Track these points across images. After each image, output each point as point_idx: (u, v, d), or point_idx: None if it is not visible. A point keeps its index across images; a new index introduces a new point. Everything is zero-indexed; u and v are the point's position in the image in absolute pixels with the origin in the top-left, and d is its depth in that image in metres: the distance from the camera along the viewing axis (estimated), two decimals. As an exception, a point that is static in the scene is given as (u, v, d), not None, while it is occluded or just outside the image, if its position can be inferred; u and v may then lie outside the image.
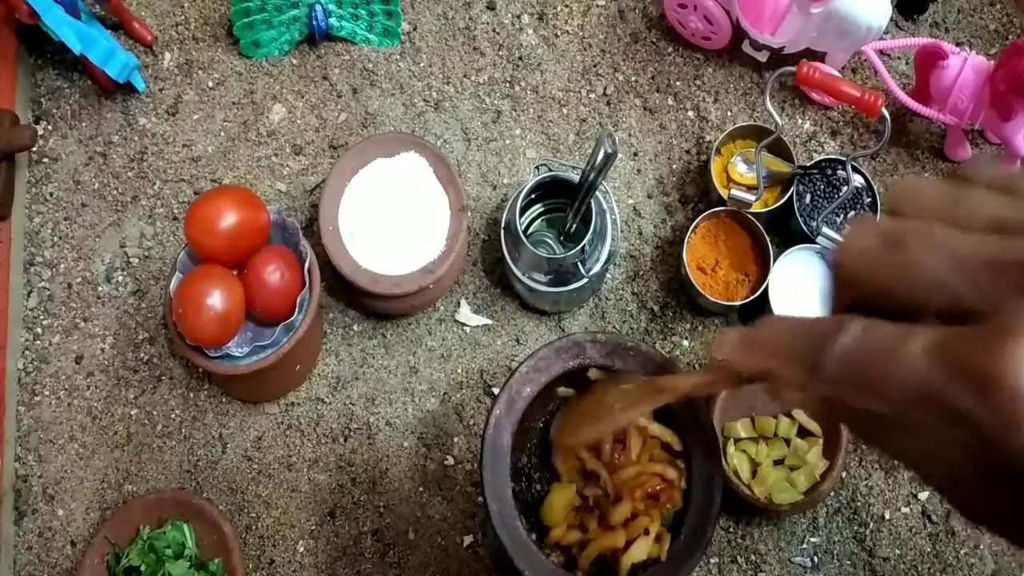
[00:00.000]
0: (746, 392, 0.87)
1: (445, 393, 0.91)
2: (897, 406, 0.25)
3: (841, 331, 0.27)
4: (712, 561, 0.87)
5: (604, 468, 0.67)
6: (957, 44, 0.98)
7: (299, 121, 0.99)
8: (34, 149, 0.96)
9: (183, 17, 1.02)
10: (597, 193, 0.82)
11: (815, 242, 0.89)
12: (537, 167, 0.87)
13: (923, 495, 0.89)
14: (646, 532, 0.65)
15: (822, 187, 0.91)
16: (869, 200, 0.91)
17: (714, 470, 0.66)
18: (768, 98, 0.84)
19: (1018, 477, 0.24)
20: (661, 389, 0.53)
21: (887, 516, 0.88)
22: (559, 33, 1.01)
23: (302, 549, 0.87)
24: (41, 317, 0.93)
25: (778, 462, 0.85)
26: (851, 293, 0.29)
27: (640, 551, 0.65)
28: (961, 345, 0.24)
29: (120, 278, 0.94)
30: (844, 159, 0.87)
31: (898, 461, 0.30)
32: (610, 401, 0.59)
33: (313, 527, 0.88)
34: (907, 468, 0.29)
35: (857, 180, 0.90)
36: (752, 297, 0.87)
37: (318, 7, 0.96)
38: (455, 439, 0.90)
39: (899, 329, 0.26)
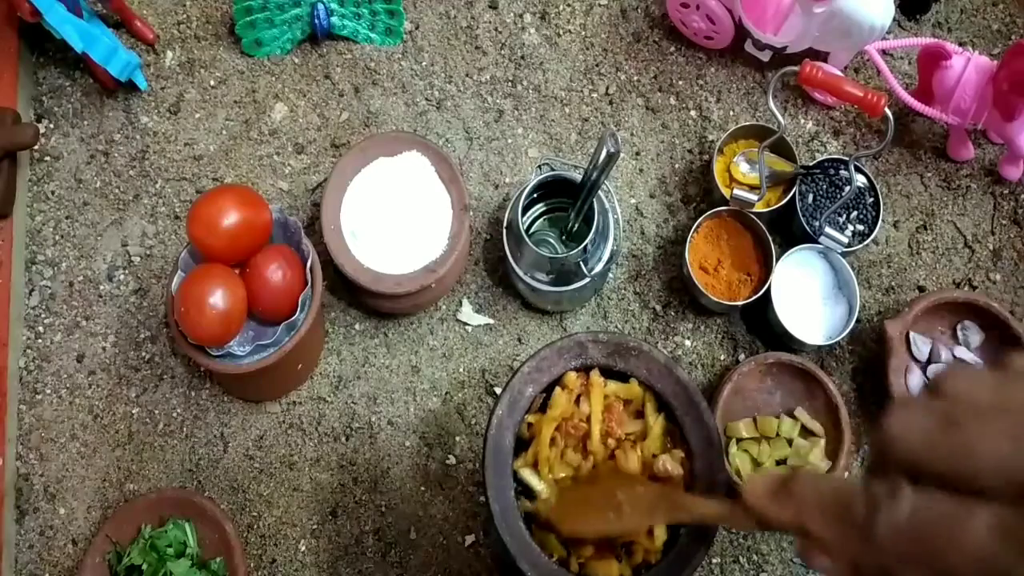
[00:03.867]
0: (748, 392, 0.87)
1: (447, 392, 0.91)
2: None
3: (896, 499, 0.28)
4: (714, 561, 0.87)
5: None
6: (960, 44, 0.98)
7: (301, 120, 0.99)
8: (36, 147, 0.96)
9: (185, 16, 1.02)
10: (599, 192, 0.82)
11: (817, 242, 0.89)
12: (539, 166, 0.87)
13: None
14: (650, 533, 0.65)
15: (824, 187, 0.91)
16: (871, 200, 0.91)
17: (716, 470, 0.66)
18: (771, 98, 0.84)
19: None
20: (679, 507, 0.53)
21: (889, 516, 0.88)
22: (561, 32, 1.01)
23: (304, 548, 0.87)
24: (43, 316, 0.93)
25: (780, 462, 0.85)
26: (898, 467, 0.29)
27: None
28: None
29: (122, 277, 0.94)
30: (847, 159, 0.87)
31: None
32: (620, 500, 0.58)
33: (315, 526, 0.88)
34: None
35: (860, 180, 0.90)
36: (754, 297, 0.87)
37: (320, 6, 0.96)
38: (457, 438, 0.90)
39: (959, 504, 0.27)
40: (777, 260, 0.88)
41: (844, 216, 0.91)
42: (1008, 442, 0.26)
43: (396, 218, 0.87)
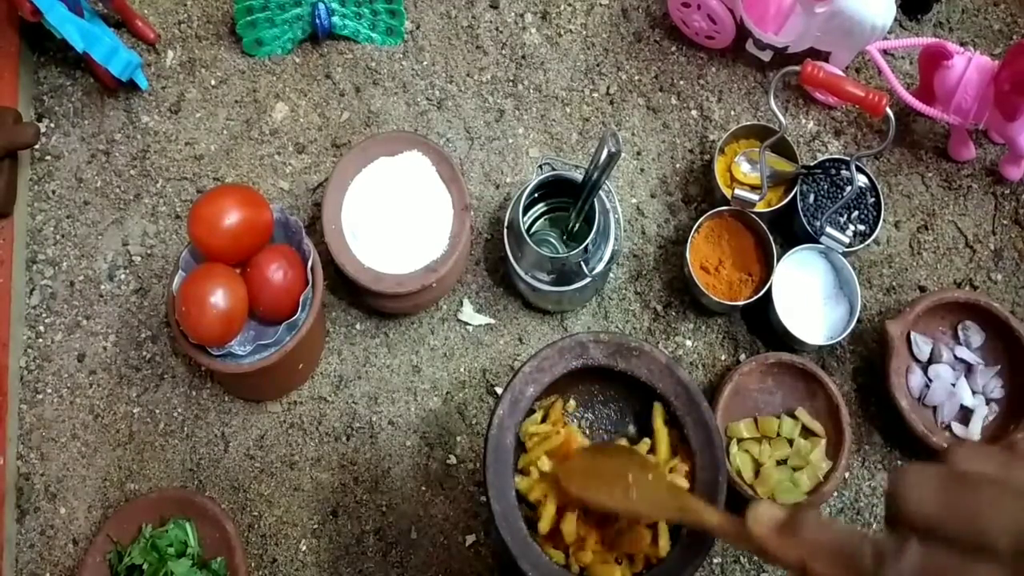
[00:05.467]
0: (749, 393, 0.87)
1: (448, 392, 0.91)
2: None
3: (903, 552, 0.30)
4: (715, 561, 0.87)
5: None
6: (961, 44, 0.98)
7: (302, 120, 0.99)
8: (36, 147, 0.96)
9: (186, 15, 1.02)
10: (600, 192, 0.82)
11: (819, 242, 0.89)
12: (540, 166, 0.87)
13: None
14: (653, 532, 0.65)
15: (826, 187, 0.91)
16: (872, 200, 0.91)
17: (717, 470, 0.66)
18: (772, 97, 0.84)
19: None
20: (686, 509, 0.53)
21: (890, 516, 0.88)
22: (562, 32, 1.01)
23: (304, 548, 0.87)
24: (43, 315, 0.93)
25: (781, 462, 0.85)
26: (906, 524, 0.31)
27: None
28: None
29: (122, 276, 0.94)
30: (848, 159, 0.87)
31: None
32: (630, 482, 0.58)
33: (315, 526, 0.88)
34: None
35: (861, 180, 0.90)
36: (755, 297, 0.87)
37: (321, 6, 0.96)
38: (458, 438, 0.90)
39: (962, 560, 0.29)
40: (778, 260, 0.88)
41: (845, 216, 0.91)
42: (1010, 506, 0.29)
43: (397, 218, 0.87)
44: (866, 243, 0.90)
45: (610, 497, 0.59)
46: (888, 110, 0.80)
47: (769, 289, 0.87)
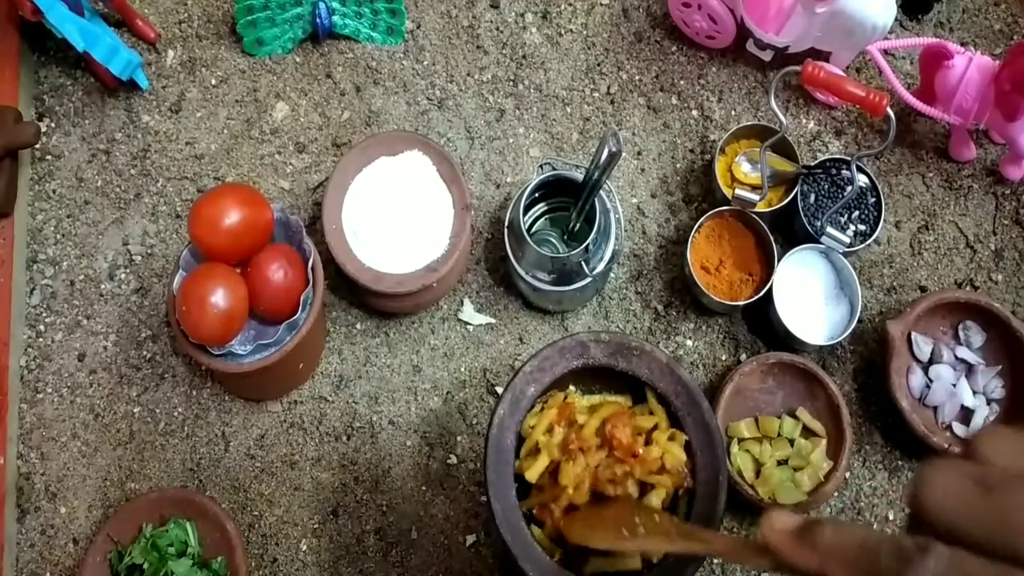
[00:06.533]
0: (750, 393, 0.87)
1: (448, 392, 0.91)
2: None
3: (928, 555, 0.28)
4: (716, 561, 0.87)
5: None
6: (962, 44, 0.98)
7: (302, 119, 0.99)
8: (37, 146, 0.96)
9: (186, 15, 1.02)
10: (601, 192, 0.82)
11: (819, 242, 0.88)
12: (541, 166, 0.87)
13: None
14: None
15: (826, 187, 0.91)
16: (873, 200, 0.91)
17: (718, 470, 0.66)
18: (772, 97, 0.84)
19: None
20: (694, 538, 0.53)
21: (891, 516, 0.88)
22: (563, 32, 1.01)
23: (305, 547, 0.87)
24: (44, 314, 0.93)
25: (782, 462, 0.85)
26: (929, 528, 0.29)
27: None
28: None
29: (123, 276, 0.94)
30: (848, 159, 0.87)
31: None
32: (636, 522, 0.57)
33: (316, 525, 0.88)
34: None
35: (861, 180, 0.90)
36: (756, 297, 0.87)
37: (322, 5, 0.96)
38: (458, 438, 0.90)
39: (995, 567, 0.27)
40: (779, 260, 0.88)
41: (846, 216, 0.91)
42: None
43: (397, 217, 0.87)
44: (867, 243, 0.90)
45: (617, 538, 0.59)
46: (889, 110, 0.80)
47: (770, 289, 0.87)
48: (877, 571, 0.30)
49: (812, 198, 0.91)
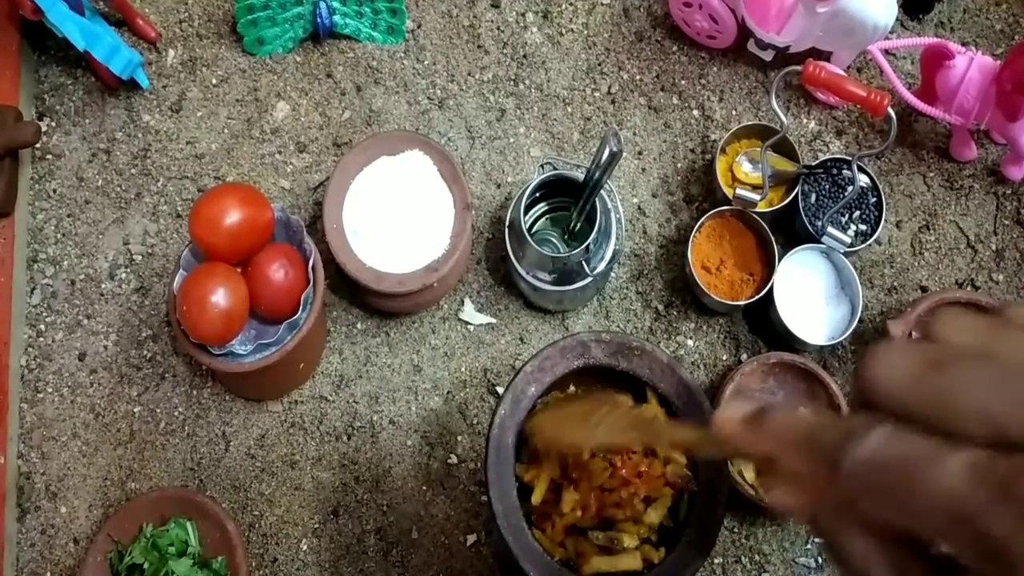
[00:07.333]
0: (750, 392, 0.87)
1: (449, 392, 0.91)
2: (922, 521, 0.26)
3: (869, 432, 0.27)
4: (716, 561, 0.87)
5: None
6: (963, 44, 0.98)
7: (303, 119, 0.98)
8: (37, 146, 0.96)
9: (187, 14, 1.02)
10: (602, 192, 0.82)
11: (820, 242, 0.88)
12: (541, 165, 0.87)
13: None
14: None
15: (827, 187, 0.91)
16: (874, 200, 0.91)
17: (718, 470, 0.66)
18: (773, 97, 0.84)
19: None
20: (655, 432, 0.52)
21: (891, 517, 0.88)
22: (563, 31, 1.01)
23: (305, 547, 0.87)
24: (44, 314, 0.93)
25: (782, 462, 0.85)
26: (877, 408, 0.28)
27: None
28: (1009, 469, 0.24)
29: (123, 275, 0.94)
30: (849, 159, 0.87)
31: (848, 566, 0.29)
32: (600, 416, 0.57)
33: (316, 525, 0.88)
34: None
35: (862, 180, 0.90)
36: (757, 297, 0.87)
37: (322, 4, 0.96)
38: (459, 438, 0.90)
39: (935, 443, 0.26)
40: (779, 260, 0.88)
41: (847, 216, 0.91)
42: (988, 389, 0.26)
43: (398, 217, 0.87)
44: (868, 243, 0.90)
45: (583, 434, 0.57)
46: (890, 110, 0.80)
47: (771, 289, 0.87)
48: (820, 450, 0.29)
49: (813, 198, 0.91)
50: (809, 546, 0.88)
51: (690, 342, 0.92)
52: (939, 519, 0.25)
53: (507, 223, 0.88)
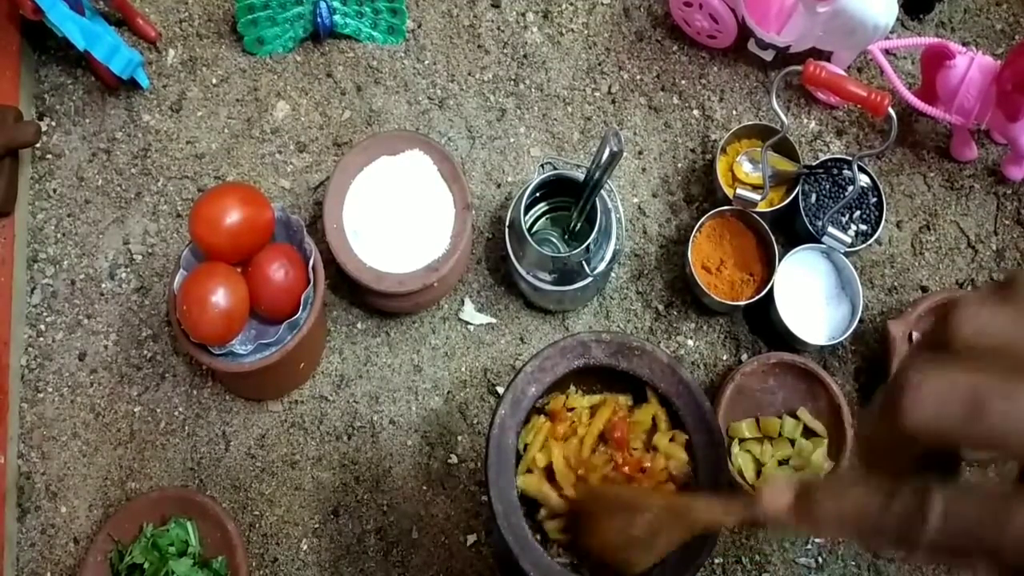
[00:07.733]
0: (751, 392, 0.87)
1: (449, 392, 0.91)
2: (1016, 561, 0.27)
3: (928, 506, 0.28)
4: (716, 561, 0.87)
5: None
6: (963, 44, 0.98)
7: (303, 118, 0.98)
8: (37, 145, 0.96)
9: (187, 14, 1.02)
10: (602, 192, 0.82)
11: (820, 242, 0.88)
12: (542, 165, 0.87)
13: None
14: None
15: (828, 187, 0.91)
16: (874, 200, 0.91)
17: (719, 470, 0.66)
18: (774, 97, 0.84)
19: None
20: (698, 520, 0.52)
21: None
22: (564, 31, 1.01)
23: (305, 547, 0.87)
24: (44, 314, 0.93)
25: (783, 462, 0.85)
26: (918, 446, 0.29)
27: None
28: None
29: (123, 275, 0.94)
30: (850, 159, 0.87)
31: None
32: (642, 522, 0.57)
33: (316, 525, 0.88)
34: None
35: (863, 180, 0.90)
36: (757, 297, 0.87)
37: (323, 4, 0.96)
38: (459, 438, 0.90)
39: (996, 494, 0.27)
40: (780, 260, 0.88)
41: (847, 216, 0.91)
42: None
43: (398, 217, 0.87)
44: (868, 243, 0.90)
45: (633, 552, 0.58)
46: (890, 110, 0.80)
47: (771, 289, 0.87)
48: (889, 533, 0.29)
49: (813, 198, 0.91)
50: (809, 546, 0.88)
51: (690, 342, 0.92)
52: None
53: (507, 223, 0.88)
